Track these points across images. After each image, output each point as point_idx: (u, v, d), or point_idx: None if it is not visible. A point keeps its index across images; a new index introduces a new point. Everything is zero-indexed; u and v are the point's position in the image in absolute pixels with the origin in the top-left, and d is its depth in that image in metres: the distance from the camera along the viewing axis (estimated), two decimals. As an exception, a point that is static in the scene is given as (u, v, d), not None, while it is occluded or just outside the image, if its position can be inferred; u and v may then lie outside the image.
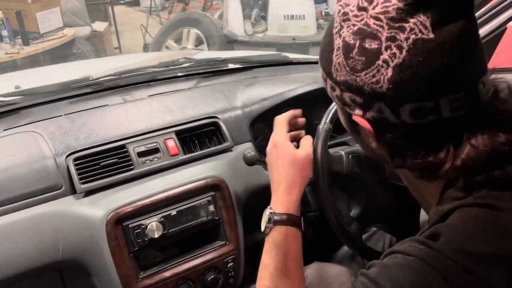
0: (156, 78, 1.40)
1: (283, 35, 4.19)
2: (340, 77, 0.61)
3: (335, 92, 0.64)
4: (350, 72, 0.59)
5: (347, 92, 0.61)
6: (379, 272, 0.57)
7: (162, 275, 1.00)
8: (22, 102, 1.21)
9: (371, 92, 0.58)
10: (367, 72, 0.57)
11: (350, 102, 0.62)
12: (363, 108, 0.60)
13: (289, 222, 0.80)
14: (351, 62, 0.59)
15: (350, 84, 0.60)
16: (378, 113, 0.59)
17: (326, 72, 0.65)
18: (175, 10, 6.13)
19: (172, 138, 1.11)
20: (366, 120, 0.61)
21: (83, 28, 4.49)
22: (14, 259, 0.91)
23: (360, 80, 0.58)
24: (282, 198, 0.82)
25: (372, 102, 0.59)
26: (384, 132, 0.60)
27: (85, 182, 0.99)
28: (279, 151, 0.86)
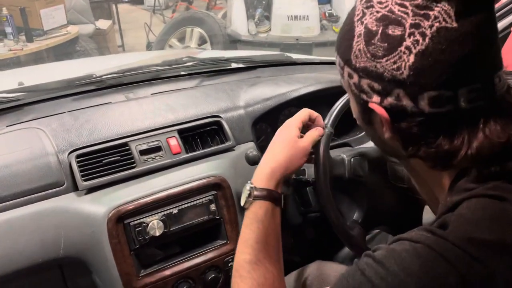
0: (159, 77, 1.40)
1: (286, 36, 4.19)
2: (360, 63, 0.62)
3: (352, 79, 0.64)
4: (370, 58, 0.60)
5: (366, 78, 0.62)
6: (386, 255, 0.57)
7: (162, 273, 1.00)
8: (25, 98, 1.21)
9: (391, 78, 0.59)
10: (388, 58, 0.58)
11: (367, 89, 0.62)
12: (381, 95, 0.61)
13: (269, 197, 0.81)
14: (373, 49, 0.60)
15: (370, 71, 0.61)
16: (396, 101, 0.60)
17: (344, 59, 0.65)
18: (178, 9, 6.14)
19: (174, 136, 1.11)
20: (383, 108, 0.61)
21: (86, 26, 4.50)
22: (16, 255, 0.92)
23: (380, 66, 0.59)
24: (265, 172, 0.83)
25: (391, 89, 0.59)
26: (400, 121, 0.61)
27: (87, 179, 0.99)
28: (283, 132, 0.87)
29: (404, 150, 0.64)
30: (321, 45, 4.14)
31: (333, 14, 4.40)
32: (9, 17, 3.63)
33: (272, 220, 0.80)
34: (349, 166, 0.95)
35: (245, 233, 0.79)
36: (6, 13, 3.63)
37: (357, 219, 0.96)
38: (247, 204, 0.81)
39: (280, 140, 0.86)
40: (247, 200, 0.81)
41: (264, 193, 0.81)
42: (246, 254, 0.77)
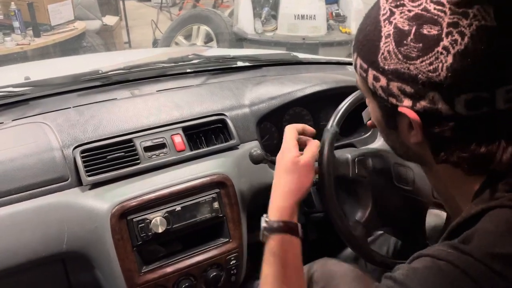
0: (165, 74, 1.41)
1: (293, 35, 4.17)
2: (390, 65, 0.59)
3: (379, 82, 0.61)
4: (402, 60, 0.57)
5: (396, 81, 0.59)
6: (407, 274, 0.55)
7: (164, 270, 1.00)
8: (32, 93, 1.22)
9: (426, 81, 0.56)
10: (423, 59, 0.56)
11: (397, 93, 0.59)
12: (413, 99, 0.58)
13: (284, 229, 0.78)
14: (405, 50, 0.57)
15: (401, 73, 0.58)
16: (430, 104, 0.57)
17: (368, 62, 0.62)
18: (185, 7, 6.14)
19: (179, 134, 1.11)
20: (415, 112, 0.58)
21: (93, 22, 4.51)
22: (19, 248, 0.92)
23: (414, 68, 0.56)
24: (277, 205, 0.80)
25: (425, 92, 0.56)
26: (432, 125, 0.58)
27: (91, 174, 0.99)
28: (283, 157, 0.84)
29: (434, 155, 0.62)
30: (328, 45, 4.13)
31: (340, 14, 4.38)
32: (17, 12, 3.65)
33: (290, 252, 0.77)
34: (353, 166, 0.95)
35: (264, 269, 0.77)
36: (14, 7, 3.64)
37: (359, 219, 0.96)
38: (264, 238, 0.78)
39: (282, 167, 0.83)
40: (263, 234, 0.78)
41: (279, 225, 0.78)
42: None
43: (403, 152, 0.70)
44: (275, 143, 1.34)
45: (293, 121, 1.36)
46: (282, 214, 0.79)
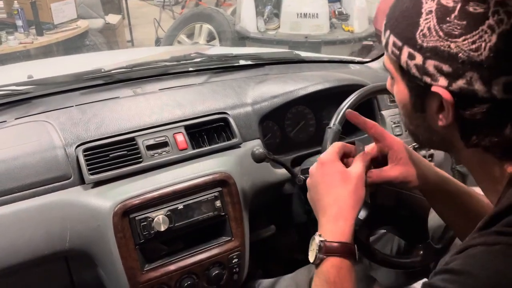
0: (168, 72, 1.41)
1: (295, 33, 4.17)
2: (428, 43, 0.57)
3: (413, 60, 0.59)
4: (443, 37, 0.56)
5: (434, 59, 0.57)
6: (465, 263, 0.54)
7: (167, 268, 1.01)
8: (34, 91, 1.22)
9: (466, 60, 0.54)
10: (466, 37, 0.54)
11: (433, 71, 0.57)
12: (449, 78, 0.56)
13: (343, 252, 0.70)
14: (447, 27, 0.55)
15: (440, 51, 0.56)
16: (467, 85, 0.55)
17: (404, 39, 0.60)
18: (188, 5, 6.14)
19: (181, 132, 1.11)
20: (449, 92, 0.57)
21: (96, 20, 4.52)
22: (22, 246, 0.92)
23: (455, 46, 0.55)
24: (334, 224, 0.72)
25: (464, 71, 0.55)
26: (465, 107, 0.57)
27: (93, 173, 1.00)
28: (327, 169, 0.77)
29: (463, 139, 0.60)
30: (330, 43, 4.12)
31: (342, 12, 4.37)
32: (20, 11, 3.66)
33: (347, 279, 0.70)
34: None
35: None
36: (17, 6, 3.66)
37: (361, 217, 0.96)
38: (317, 261, 0.70)
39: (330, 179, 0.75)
40: (317, 255, 0.70)
41: (337, 247, 0.70)
42: None
43: (426, 138, 0.68)
44: (277, 142, 1.34)
45: (296, 119, 1.36)
46: (343, 234, 0.71)
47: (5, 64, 2.91)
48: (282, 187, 1.25)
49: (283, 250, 1.52)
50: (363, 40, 4.18)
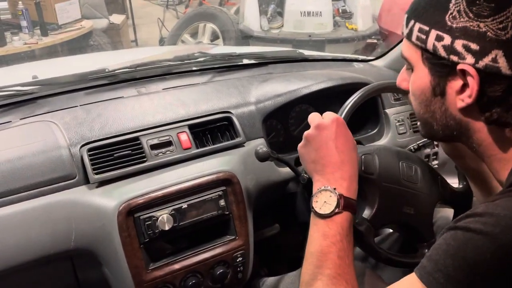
0: (171, 72, 1.41)
1: (299, 32, 4.16)
2: (458, 24, 0.63)
3: (441, 42, 0.65)
4: (473, 18, 0.61)
5: (462, 39, 0.63)
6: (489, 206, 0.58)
7: (171, 267, 1.01)
8: (39, 92, 1.23)
9: (493, 38, 0.61)
10: (495, 18, 0.60)
11: (461, 50, 0.63)
12: (477, 56, 0.62)
13: (354, 208, 0.77)
14: (477, 8, 0.61)
15: (470, 30, 0.62)
16: (492, 62, 0.61)
17: (432, 23, 0.65)
18: (192, 5, 6.15)
19: (185, 131, 1.12)
20: (475, 69, 0.62)
21: (100, 21, 4.53)
22: (28, 246, 0.93)
23: (484, 26, 0.61)
24: (350, 181, 0.78)
25: (490, 49, 0.61)
26: (488, 84, 0.63)
27: (98, 172, 1.00)
28: (343, 129, 0.82)
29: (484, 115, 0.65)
30: (334, 41, 4.12)
31: (346, 11, 4.36)
32: (25, 11, 3.67)
33: (352, 233, 0.77)
34: (360, 163, 0.94)
35: (325, 245, 0.73)
36: (21, 7, 3.67)
37: (366, 216, 0.96)
38: (332, 213, 0.74)
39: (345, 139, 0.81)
40: (334, 209, 0.74)
41: (354, 203, 0.76)
42: (326, 268, 0.71)
43: (442, 124, 0.71)
44: (281, 141, 1.34)
45: (299, 118, 1.36)
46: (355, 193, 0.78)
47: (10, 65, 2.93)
48: (286, 186, 1.25)
49: (287, 248, 1.52)
50: (367, 38, 4.17)
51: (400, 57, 0.77)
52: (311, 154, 0.82)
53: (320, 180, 0.79)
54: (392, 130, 1.38)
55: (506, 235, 0.55)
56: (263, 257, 1.43)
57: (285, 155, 1.28)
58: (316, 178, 0.80)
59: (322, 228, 0.75)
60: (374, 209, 0.95)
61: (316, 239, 0.74)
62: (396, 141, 1.36)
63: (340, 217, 0.75)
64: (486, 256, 0.55)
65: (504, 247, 0.55)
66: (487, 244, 0.55)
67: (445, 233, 0.61)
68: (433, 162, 1.44)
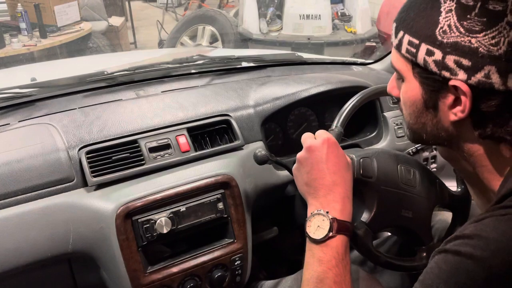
0: (170, 75, 1.41)
1: (298, 35, 4.17)
2: (449, 39, 0.61)
3: (432, 56, 0.63)
4: (464, 33, 0.60)
5: (453, 55, 0.61)
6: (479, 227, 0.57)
7: (169, 270, 1.01)
8: (38, 94, 1.22)
9: (485, 54, 0.59)
10: (486, 33, 0.58)
11: (453, 66, 0.61)
12: (469, 72, 0.60)
13: (350, 231, 0.76)
14: (468, 24, 0.59)
15: (461, 46, 0.60)
16: (485, 78, 0.59)
17: (422, 37, 0.63)
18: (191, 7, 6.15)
19: (183, 134, 1.12)
20: (467, 86, 0.61)
21: (99, 23, 4.54)
22: (26, 248, 0.93)
23: (476, 41, 0.59)
24: (342, 203, 0.77)
25: (483, 65, 0.59)
26: (481, 100, 0.61)
27: (96, 175, 1.00)
28: (334, 149, 0.81)
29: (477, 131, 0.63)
30: (333, 44, 4.12)
31: (345, 14, 4.37)
32: (24, 13, 3.68)
33: (348, 255, 0.76)
34: (358, 166, 0.94)
35: (321, 271, 0.72)
36: (21, 9, 3.67)
37: (365, 220, 0.96)
38: (326, 238, 0.74)
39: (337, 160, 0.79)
40: (328, 234, 0.73)
41: (348, 226, 0.75)
42: None
43: (433, 135, 0.70)
44: (279, 144, 1.34)
45: (298, 121, 1.36)
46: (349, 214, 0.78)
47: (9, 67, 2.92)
48: (284, 189, 1.25)
49: (286, 251, 1.52)
50: (366, 41, 4.18)
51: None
52: (304, 176, 0.81)
53: (313, 204, 0.78)
54: (391, 133, 1.38)
55: (496, 259, 0.54)
56: (262, 260, 1.43)
57: (284, 158, 1.27)
58: (310, 201, 0.80)
59: (317, 253, 0.74)
60: (373, 212, 0.95)
61: (311, 264, 0.74)
62: (394, 144, 1.36)
63: (335, 241, 0.74)
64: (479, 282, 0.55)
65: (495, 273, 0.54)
66: (478, 269, 0.55)
67: (436, 255, 0.60)
68: (431, 165, 1.44)
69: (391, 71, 1.57)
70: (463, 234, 0.58)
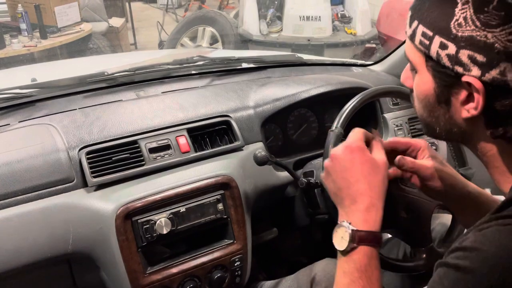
0: (170, 75, 1.41)
1: (298, 36, 4.17)
2: (464, 32, 0.58)
3: (445, 50, 0.60)
4: (480, 27, 0.56)
5: (468, 49, 0.58)
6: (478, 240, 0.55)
7: (169, 271, 1.01)
8: (38, 94, 1.23)
9: (502, 50, 0.56)
10: (504, 28, 0.55)
11: (467, 61, 0.58)
12: (483, 68, 0.57)
13: (375, 242, 0.71)
14: (485, 17, 0.56)
15: (476, 40, 0.57)
16: (500, 75, 0.56)
17: (436, 29, 0.60)
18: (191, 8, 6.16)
19: (183, 135, 1.12)
20: (481, 82, 0.58)
21: (100, 24, 4.54)
22: (25, 249, 0.93)
23: (492, 36, 0.56)
24: (367, 213, 0.72)
25: (498, 61, 0.56)
26: (496, 97, 0.58)
27: (96, 176, 1.00)
28: (357, 156, 0.75)
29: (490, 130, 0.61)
30: (333, 46, 4.13)
31: (345, 15, 4.38)
32: (24, 14, 3.68)
33: (375, 267, 0.71)
34: None
35: (346, 284, 0.70)
36: (21, 9, 3.67)
37: None
38: (348, 249, 0.71)
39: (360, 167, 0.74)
40: (349, 245, 0.70)
41: (370, 237, 0.71)
42: None
43: (445, 130, 0.68)
44: (279, 145, 1.34)
45: (298, 122, 1.36)
46: (375, 223, 0.72)
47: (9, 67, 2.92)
48: (284, 190, 1.25)
49: (285, 252, 1.52)
50: (366, 42, 4.19)
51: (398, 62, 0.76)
52: (331, 186, 0.78)
53: (341, 214, 0.76)
54: (391, 135, 1.38)
55: (494, 274, 0.52)
56: (261, 261, 1.42)
57: (284, 159, 1.28)
58: (339, 211, 0.77)
59: (342, 265, 0.72)
60: None
61: (338, 276, 0.72)
62: (394, 146, 1.36)
63: (357, 253, 0.71)
64: None
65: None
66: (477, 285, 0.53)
67: (438, 268, 0.59)
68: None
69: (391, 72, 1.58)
70: (463, 246, 0.56)
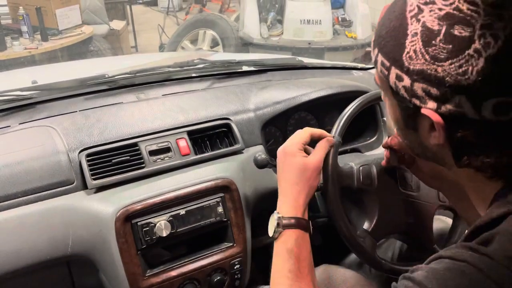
0: (171, 78, 1.41)
1: (298, 39, 4.18)
2: (415, 66, 0.56)
3: (402, 82, 0.58)
4: (430, 61, 0.55)
5: (421, 83, 0.56)
6: (427, 275, 0.54)
7: (168, 274, 1.01)
8: (39, 97, 1.23)
9: (453, 84, 0.54)
10: (453, 61, 0.53)
11: (422, 94, 0.57)
12: (438, 101, 0.56)
13: (298, 225, 0.81)
14: (433, 50, 0.54)
15: (427, 74, 0.55)
16: (456, 108, 0.55)
17: (391, 60, 0.59)
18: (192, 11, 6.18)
19: (184, 138, 1.12)
20: (438, 115, 0.56)
21: (101, 26, 4.55)
22: (25, 251, 0.93)
23: (442, 70, 0.54)
24: (289, 205, 0.83)
25: (452, 95, 0.54)
26: (456, 128, 0.56)
27: (96, 178, 1.00)
28: (287, 158, 0.85)
29: (455, 159, 0.60)
30: (333, 49, 4.13)
31: (346, 19, 4.39)
32: (25, 16, 3.68)
33: (304, 248, 0.80)
34: (358, 175, 0.94)
35: (277, 263, 0.79)
36: (22, 12, 3.68)
37: (367, 228, 0.95)
38: (276, 234, 0.81)
39: (289, 168, 0.85)
40: (276, 230, 0.80)
41: (292, 221, 0.81)
42: (281, 285, 0.77)
43: (421, 152, 0.68)
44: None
45: (298, 125, 1.36)
46: (296, 211, 0.82)
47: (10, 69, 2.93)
48: (284, 193, 1.25)
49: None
50: (366, 46, 4.19)
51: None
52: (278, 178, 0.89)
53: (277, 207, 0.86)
54: (391, 138, 1.38)
55: None
56: (261, 264, 1.42)
57: (284, 162, 1.27)
58: None
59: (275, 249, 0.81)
60: (374, 220, 0.95)
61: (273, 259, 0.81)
62: (394, 149, 1.36)
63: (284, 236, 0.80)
64: None
65: None
66: None
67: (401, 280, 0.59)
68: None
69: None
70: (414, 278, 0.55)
